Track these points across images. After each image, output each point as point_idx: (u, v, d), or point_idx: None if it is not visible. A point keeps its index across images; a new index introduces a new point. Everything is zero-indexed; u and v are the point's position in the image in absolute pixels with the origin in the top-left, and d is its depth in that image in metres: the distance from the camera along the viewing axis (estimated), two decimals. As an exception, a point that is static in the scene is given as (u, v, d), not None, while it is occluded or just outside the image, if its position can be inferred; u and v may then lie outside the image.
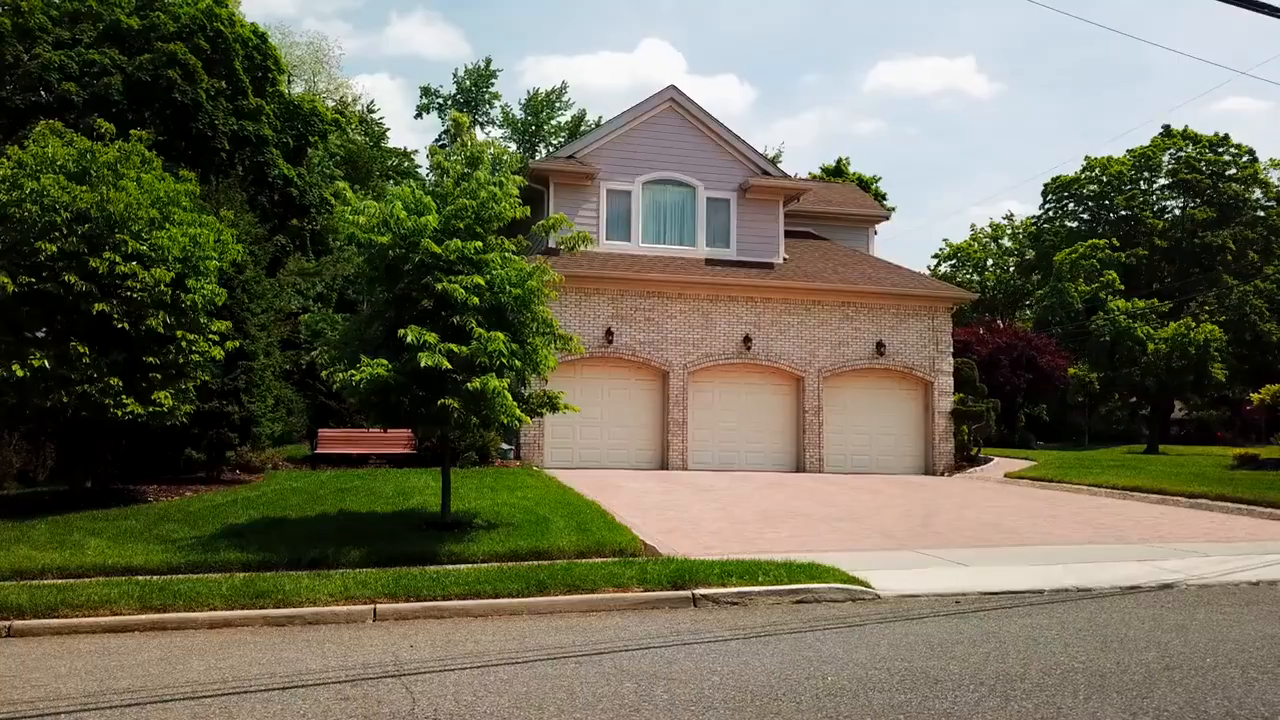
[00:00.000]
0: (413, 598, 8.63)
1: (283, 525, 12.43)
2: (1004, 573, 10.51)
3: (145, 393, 13.76)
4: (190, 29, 23.40)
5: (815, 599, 9.18)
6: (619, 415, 23.18)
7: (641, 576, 9.33)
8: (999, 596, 9.35)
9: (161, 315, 13.71)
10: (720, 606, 8.95)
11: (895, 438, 24.65)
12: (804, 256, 25.63)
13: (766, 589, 9.17)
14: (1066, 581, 9.94)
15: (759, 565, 9.91)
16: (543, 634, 7.78)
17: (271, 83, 26.11)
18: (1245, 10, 10.30)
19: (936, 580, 10.00)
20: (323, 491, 15.18)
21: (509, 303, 11.72)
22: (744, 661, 6.81)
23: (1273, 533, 14.16)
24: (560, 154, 24.30)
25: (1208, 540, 13.26)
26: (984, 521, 15.03)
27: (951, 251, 67.18)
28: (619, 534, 11.89)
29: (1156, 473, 20.19)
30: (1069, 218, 62.35)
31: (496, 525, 12.46)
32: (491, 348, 11.19)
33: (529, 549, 11.13)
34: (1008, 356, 36.12)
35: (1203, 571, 10.56)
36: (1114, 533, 13.86)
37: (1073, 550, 12.24)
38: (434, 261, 11.48)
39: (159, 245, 13.86)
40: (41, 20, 22.34)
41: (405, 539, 11.50)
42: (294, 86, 56.26)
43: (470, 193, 11.92)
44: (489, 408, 11.15)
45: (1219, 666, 6.62)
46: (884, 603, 9.15)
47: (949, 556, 11.58)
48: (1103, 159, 59.03)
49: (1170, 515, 16.00)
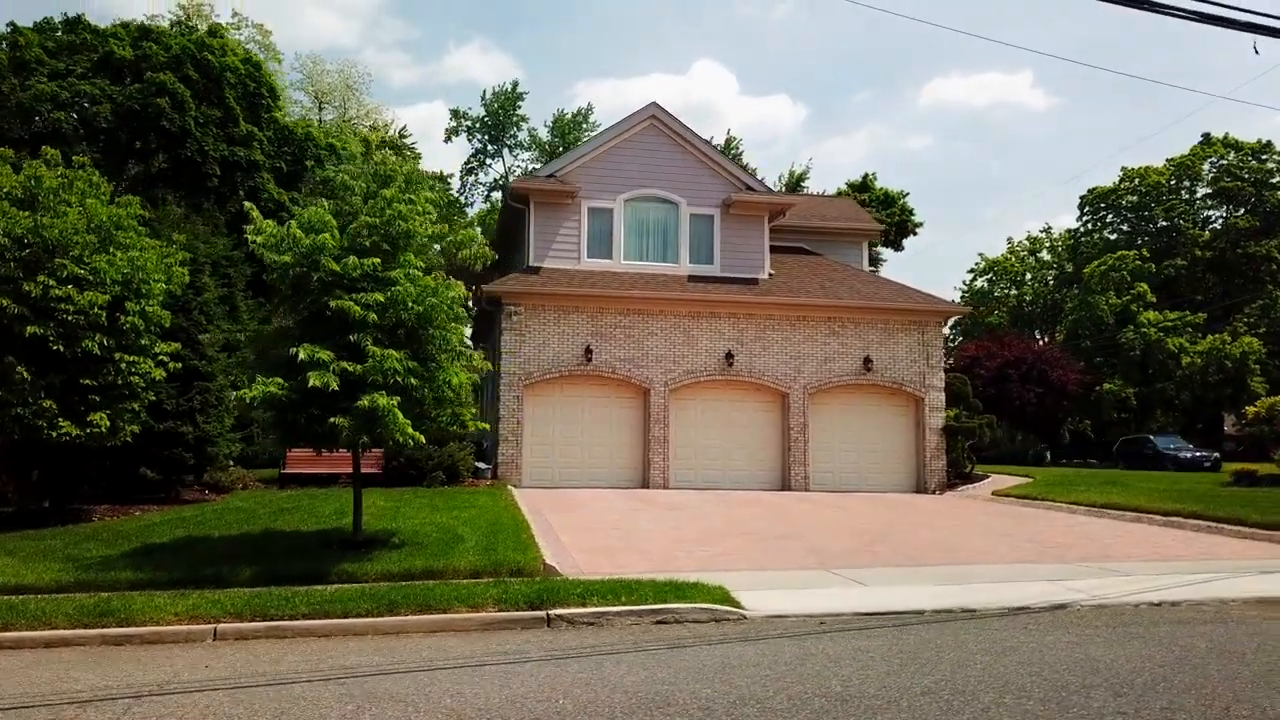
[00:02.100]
0: (259, 617, 8.59)
1: (199, 544, 12.50)
2: (899, 593, 10.16)
3: (83, 414, 13.99)
4: (180, 58, 23.96)
5: (676, 619, 8.94)
6: (599, 434, 23.04)
7: (500, 597, 9.19)
8: (873, 617, 9.02)
9: (98, 337, 13.94)
10: (575, 627, 8.76)
11: (885, 455, 24.15)
12: (791, 272, 25.32)
13: (625, 609, 8.97)
14: (956, 602, 9.57)
15: (632, 585, 9.71)
16: (352, 654, 7.68)
17: (267, 109, 26.58)
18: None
19: (821, 601, 9.69)
20: (262, 511, 15.28)
21: (410, 320, 11.69)
22: (519, 682, 6.63)
23: (1230, 551, 13.57)
24: (541, 173, 24.38)
25: (1152, 559, 12.74)
26: (933, 540, 14.62)
27: (987, 265, 65.99)
28: (525, 554, 11.75)
29: (1141, 490, 19.47)
30: (1108, 229, 60.92)
31: (406, 544, 12.38)
32: (387, 365, 11.18)
33: (423, 568, 11.04)
34: (1017, 371, 35.24)
35: (1108, 592, 10.10)
36: (1057, 551, 13.38)
37: (996, 570, 11.84)
38: (335, 279, 11.51)
39: (97, 269, 14.13)
40: (38, 53, 23.05)
41: (307, 558, 11.47)
42: (325, 113, 57.54)
43: (376, 210, 11.95)
44: (382, 426, 11.10)
45: (983, 691, 6.31)
46: (747, 623, 8.88)
47: (860, 576, 11.25)
48: (1140, 169, 57.60)
49: (1134, 533, 15.41)
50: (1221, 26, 9.53)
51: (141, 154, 23.27)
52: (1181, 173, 57.19)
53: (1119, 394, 46.66)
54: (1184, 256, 55.04)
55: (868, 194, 54.60)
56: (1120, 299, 46.56)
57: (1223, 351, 42.51)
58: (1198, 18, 9.51)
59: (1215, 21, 9.52)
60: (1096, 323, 46.70)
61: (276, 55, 54.54)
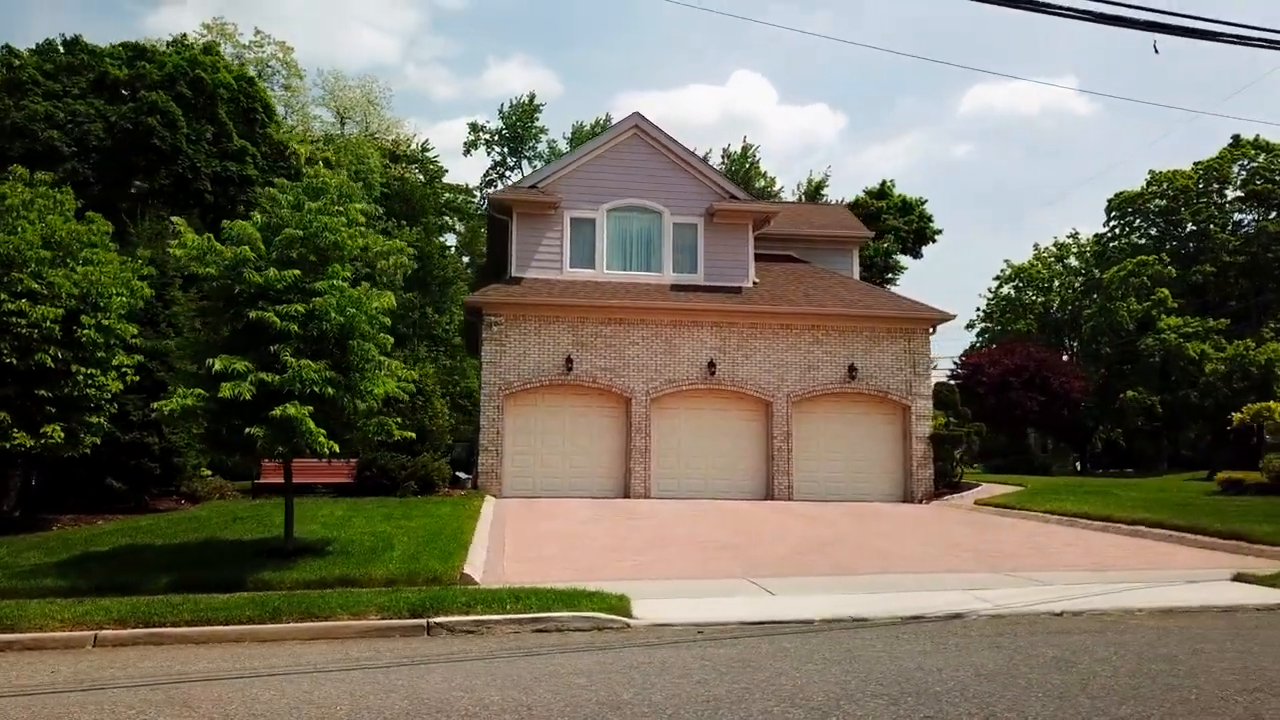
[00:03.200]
0: (141, 624, 8.74)
1: (136, 553, 12.73)
2: (802, 601, 10.09)
3: (37, 426, 14.31)
4: (173, 77, 24.48)
5: (558, 628, 8.95)
6: (581, 444, 23.08)
7: (386, 605, 9.25)
8: (758, 626, 8.95)
9: (53, 350, 14.27)
10: (455, 635, 8.80)
11: (871, 464, 23.90)
12: (776, 280, 25.20)
13: (507, 618, 9.00)
14: (853, 610, 9.47)
15: (525, 594, 9.75)
16: (213, 660, 7.79)
17: (261, 125, 27.06)
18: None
19: (717, 610, 9.62)
20: (216, 520, 15.51)
21: (333, 331, 11.82)
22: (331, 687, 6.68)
23: (1180, 560, 13.31)
24: (523, 184, 24.53)
25: (1092, 569, 12.52)
26: (878, 550, 14.48)
27: (1013, 272, 65.03)
28: (447, 563, 11.79)
29: (1122, 499, 19.07)
30: (1137, 234, 59.78)
31: (335, 553, 12.50)
32: (305, 375, 11.33)
33: (339, 576, 11.14)
34: (1018, 378, 34.66)
35: (1015, 602, 9.92)
36: (996, 560, 13.20)
37: (921, 579, 11.72)
38: (260, 291, 11.70)
39: (54, 283, 14.47)
40: (32, 74, 23.66)
41: (231, 566, 11.61)
42: (347, 127, 58.39)
43: (302, 223, 12.12)
44: (297, 436, 11.23)
45: (764, 700, 6.26)
46: (629, 632, 8.87)
47: (777, 585, 11.19)
48: (1168, 172, 56.45)
49: (1090, 542, 15.16)
50: (1120, 26, 9.35)
51: (134, 171, 23.73)
52: (1210, 176, 56.00)
53: (1143, 402, 45.71)
54: (1213, 261, 53.86)
55: (885, 201, 54.22)
56: (1141, 305, 45.64)
57: (1247, 358, 41.46)
58: (1094, 18, 9.34)
59: (1114, 21, 9.35)
60: (1115, 329, 45.78)
61: (298, 72, 55.60)
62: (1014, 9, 9.10)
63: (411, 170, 59.38)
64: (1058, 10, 9.21)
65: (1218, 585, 11.05)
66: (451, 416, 23.33)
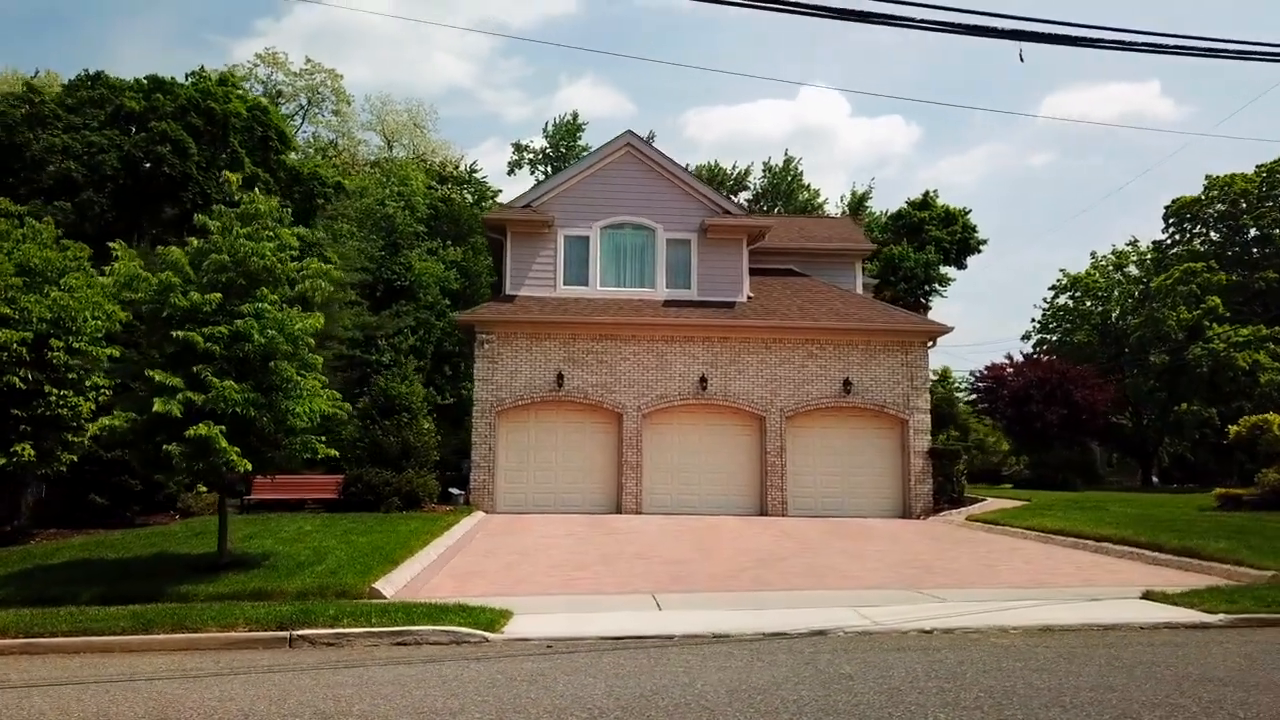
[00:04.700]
0: (21, 635, 9.17)
1: (83, 567, 13.31)
2: (681, 617, 10.14)
3: (9, 444, 15.05)
4: (185, 108, 25.47)
5: (416, 641, 9.13)
6: (573, 459, 23.26)
7: (255, 617, 9.54)
8: (614, 640, 9.02)
9: (23, 372, 15.00)
10: (316, 647, 9.05)
11: (868, 479, 23.57)
12: (772, 294, 25.08)
13: (367, 631, 9.22)
14: (720, 627, 9.46)
15: (394, 608, 10.06)
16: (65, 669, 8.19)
17: (276, 151, 27.93)
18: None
19: (590, 625, 9.68)
20: (181, 534, 16.10)
21: (254, 352, 12.21)
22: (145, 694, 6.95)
23: (1118, 577, 12.96)
24: (517, 203, 24.85)
25: (1019, 586, 12.26)
26: (823, 566, 14.37)
27: (1069, 282, 63.34)
28: (364, 578, 12.01)
29: (1107, 516, 18.48)
30: (1198, 240, 57.84)
31: (264, 567, 12.87)
32: (229, 395, 11.74)
33: (252, 590, 11.48)
34: (1040, 390, 33.76)
35: (894, 619, 9.76)
36: (923, 576, 13.13)
37: (823, 595, 11.62)
38: (187, 315, 12.17)
39: (26, 308, 15.22)
40: (54, 109, 24.85)
41: (159, 579, 12.03)
42: (395, 151, 59.70)
43: (229, 248, 12.57)
44: (214, 453, 11.63)
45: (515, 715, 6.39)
46: (485, 646, 8.99)
47: (680, 601, 11.30)
48: (1226, 176, 54.53)
49: (1043, 559, 14.87)
50: (982, 36, 9.20)
51: (146, 199, 24.68)
52: (1273, 179, 53.94)
53: (1200, 414, 44.21)
54: (1277, 268, 51.82)
55: (928, 211, 53.48)
56: (1191, 313, 44.13)
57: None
58: (956, 29, 9.21)
59: (975, 32, 9.21)
60: (1163, 339, 44.31)
61: (346, 98, 57.26)
62: (869, 24, 9.05)
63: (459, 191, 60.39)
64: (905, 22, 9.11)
65: (1122, 604, 10.73)
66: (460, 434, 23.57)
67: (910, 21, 9.10)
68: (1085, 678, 7.29)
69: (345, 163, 55.30)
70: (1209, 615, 9.80)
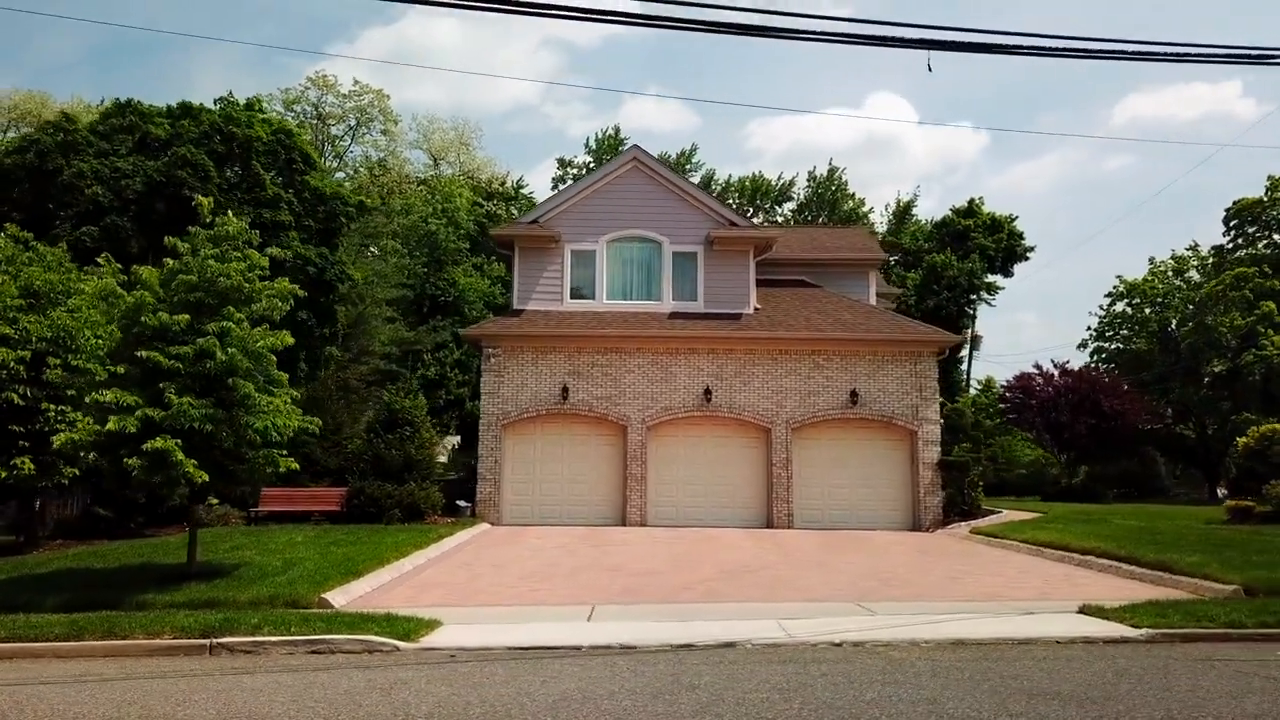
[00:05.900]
0: (-38, 639, 9.62)
1: (70, 575, 13.88)
2: (604, 628, 10.18)
3: (9, 459, 15.75)
4: (209, 133, 26.34)
5: (330, 649, 9.36)
6: (579, 471, 23.43)
7: (181, 625, 9.87)
8: (523, 651, 9.14)
9: (21, 389, 15.69)
10: (235, 654, 9.34)
11: (877, 491, 23.31)
12: (779, 305, 24.99)
13: (284, 639, 9.47)
14: (631, 639, 9.47)
15: (317, 617, 10.29)
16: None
17: (300, 173, 28.68)
18: None
19: (509, 636, 9.79)
20: (174, 545, 16.63)
21: (217, 370, 12.62)
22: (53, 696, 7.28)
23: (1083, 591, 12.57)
24: (524, 219, 25.18)
25: (972, 599, 12.07)
26: (785, 579, 14.29)
27: (1126, 288, 61.72)
28: (318, 588, 12.23)
29: (1108, 529, 17.98)
30: (1263, 243, 55.96)
31: (227, 577, 13.25)
32: (188, 411, 12.17)
33: (207, 599, 11.85)
34: (1068, 400, 32.94)
35: (814, 631, 9.68)
36: (877, 588, 13.01)
37: (758, 608, 11.54)
38: (157, 333, 12.65)
39: (26, 328, 15.93)
40: (86, 135, 25.89)
41: (128, 588, 12.49)
42: (441, 168, 60.69)
43: (198, 269, 13.03)
44: (172, 467, 12.04)
45: None
46: (397, 655, 9.18)
47: (611, 613, 11.29)
48: (1287, 176, 52.73)
49: (1016, 571, 14.61)
50: (893, 47, 9.15)
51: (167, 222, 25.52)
52: (1338, 178, 52.01)
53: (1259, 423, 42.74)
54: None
55: (973, 219, 52.72)
56: (1245, 320, 42.72)
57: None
58: (867, 41, 9.19)
59: (883, 42, 9.16)
60: (1215, 347, 42.93)
61: (393, 118, 58.47)
62: (784, 40, 9.09)
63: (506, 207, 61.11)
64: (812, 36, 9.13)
65: (1056, 617, 10.49)
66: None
67: (818, 35, 9.12)
68: (923, 690, 7.25)
69: (393, 181, 56.52)
70: (1133, 629, 9.56)
